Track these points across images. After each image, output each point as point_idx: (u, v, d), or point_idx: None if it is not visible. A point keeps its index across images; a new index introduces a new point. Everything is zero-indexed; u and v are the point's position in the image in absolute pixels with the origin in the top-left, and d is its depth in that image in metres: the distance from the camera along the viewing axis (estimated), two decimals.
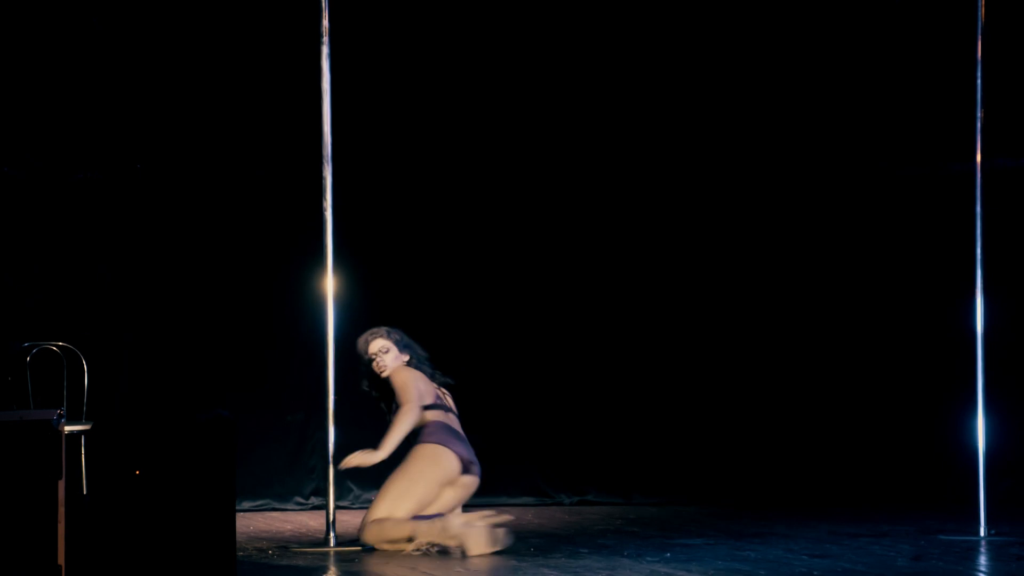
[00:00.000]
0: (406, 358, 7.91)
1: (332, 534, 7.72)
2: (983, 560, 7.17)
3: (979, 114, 7.98)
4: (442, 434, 7.75)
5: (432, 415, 7.80)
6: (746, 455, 9.85)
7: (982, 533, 7.86)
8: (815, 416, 9.91)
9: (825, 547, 7.48)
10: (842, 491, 9.74)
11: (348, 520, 8.79)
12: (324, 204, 7.80)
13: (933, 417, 9.71)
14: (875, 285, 9.98)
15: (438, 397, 7.90)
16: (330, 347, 7.78)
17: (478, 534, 7.33)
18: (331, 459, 7.76)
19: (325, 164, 7.81)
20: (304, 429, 9.52)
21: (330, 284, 7.79)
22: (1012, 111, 9.42)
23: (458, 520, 7.42)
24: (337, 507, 7.90)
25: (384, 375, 7.85)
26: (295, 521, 8.92)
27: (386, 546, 7.52)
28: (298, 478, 9.52)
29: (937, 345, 9.70)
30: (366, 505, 9.57)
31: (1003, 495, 8.86)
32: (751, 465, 9.84)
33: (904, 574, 6.53)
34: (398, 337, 7.95)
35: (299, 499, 9.53)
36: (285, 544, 7.87)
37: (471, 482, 7.81)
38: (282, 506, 9.51)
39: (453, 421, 7.88)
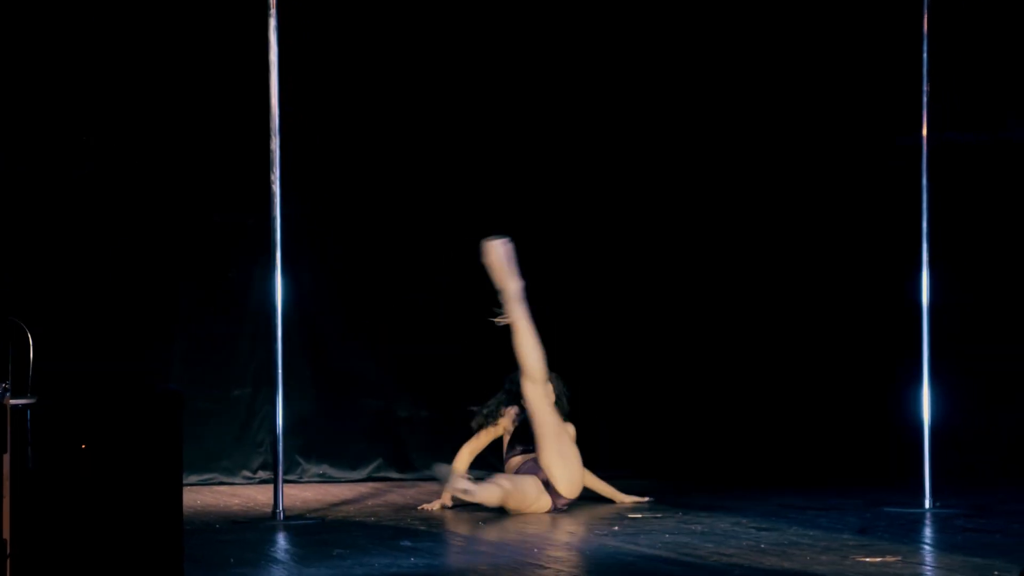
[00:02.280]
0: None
1: (280, 508, 7.71)
2: (928, 532, 7.22)
3: (925, 88, 8.01)
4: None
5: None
6: (694, 430, 9.88)
7: (927, 505, 7.92)
8: (762, 391, 9.96)
9: (772, 520, 7.52)
10: (789, 465, 9.78)
11: (295, 494, 8.78)
12: (272, 177, 7.78)
13: (879, 391, 9.76)
14: (820, 261, 10.02)
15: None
16: (279, 321, 7.77)
17: None
18: (279, 433, 7.75)
19: (273, 137, 7.78)
20: (252, 403, 9.49)
21: (278, 257, 7.77)
22: (959, 86, 9.47)
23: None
24: (284, 481, 7.90)
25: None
26: (243, 495, 8.90)
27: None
28: (246, 452, 9.50)
29: (884, 320, 9.75)
30: (314, 479, 9.57)
31: (948, 467, 8.92)
32: (699, 439, 9.88)
33: (850, 546, 6.57)
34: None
35: (247, 473, 9.50)
36: (232, 518, 7.86)
37: None
38: (230, 480, 9.49)
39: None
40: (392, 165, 9.71)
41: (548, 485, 8.06)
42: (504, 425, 8.34)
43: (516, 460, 8.22)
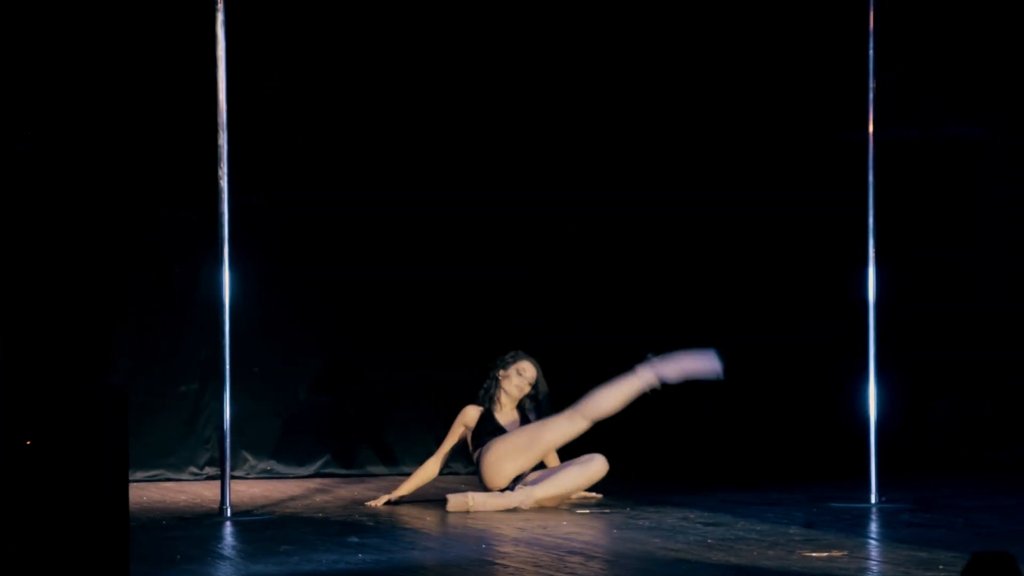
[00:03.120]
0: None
1: (227, 504, 7.69)
2: (874, 526, 7.26)
3: (871, 84, 8.05)
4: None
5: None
6: (643, 425, 9.89)
7: (873, 500, 7.96)
8: (709, 386, 9.98)
9: (719, 515, 7.54)
10: (736, 460, 9.82)
11: (243, 490, 8.75)
12: (220, 172, 7.75)
13: (825, 386, 9.80)
14: (767, 259, 10.07)
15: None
16: (226, 315, 7.74)
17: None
18: (227, 429, 7.72)
19: (220, 132, 7.75)
20: (199, 399, 9.45)
21: (226, 250, 7.74)
22: (904, 82, 9.53)
23: None
24: (232, 477, 7.87)
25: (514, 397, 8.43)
26: (189, 491, 8.86)
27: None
28: (192, 448, 9.46)
29: (831, 316, 9.79)
30: (262, 475, 9.54)
31: (894, 463, 8.97)
32: (648, 435, 9.89)
33: (796, 541, 6.60)
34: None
35: (193, 469, 9.46)
36: (179, 514, 7.83)
37: None
38: (176, 476, 9.45)
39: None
40: (341, 159, 9.68)
41: (518, 480, 8.07)
42: (465, 424, 8.29)
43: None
